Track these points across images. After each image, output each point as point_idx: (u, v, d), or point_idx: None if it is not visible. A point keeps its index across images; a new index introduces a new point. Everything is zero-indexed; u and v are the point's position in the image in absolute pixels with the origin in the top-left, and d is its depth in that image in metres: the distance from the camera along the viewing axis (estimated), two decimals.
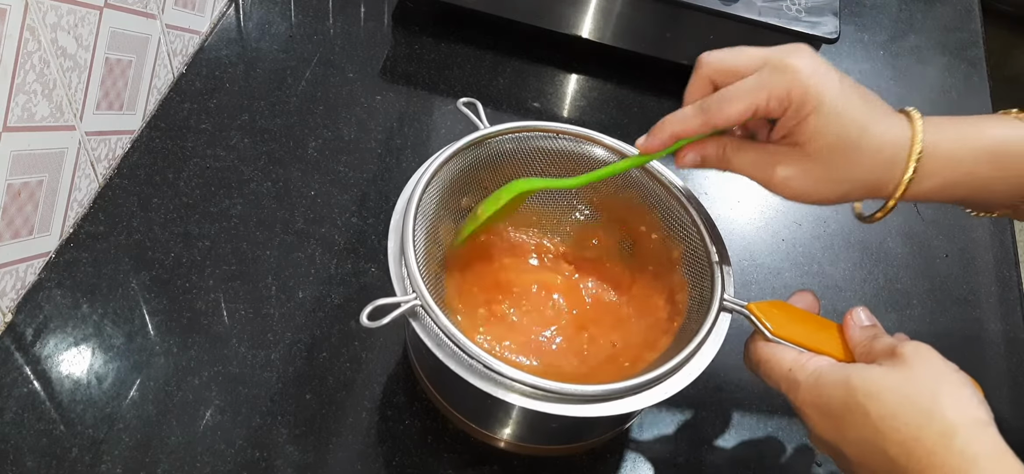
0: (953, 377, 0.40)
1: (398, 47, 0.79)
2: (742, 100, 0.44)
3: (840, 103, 0.43)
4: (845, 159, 0.44)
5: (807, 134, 0.44)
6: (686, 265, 0.53)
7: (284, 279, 0.60)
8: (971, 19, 0.94)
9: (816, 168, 0.45)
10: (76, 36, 0.56)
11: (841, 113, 0.43)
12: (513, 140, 0.55)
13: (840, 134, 0.44)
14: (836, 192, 0.46)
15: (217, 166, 0.66)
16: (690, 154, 0.48)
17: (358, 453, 0.53)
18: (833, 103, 0.43)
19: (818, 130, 0.44)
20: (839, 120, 0.44)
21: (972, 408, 0.39)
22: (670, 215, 0.54)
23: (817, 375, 0.43)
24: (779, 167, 0.46)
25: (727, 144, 0.47)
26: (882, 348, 0.43)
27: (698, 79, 0.47)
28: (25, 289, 0.57)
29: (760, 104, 0.44)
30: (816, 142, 0.44)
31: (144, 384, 0.54)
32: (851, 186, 0.46)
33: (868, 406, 0.40)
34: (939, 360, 0.41)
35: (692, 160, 0.48)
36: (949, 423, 0.38)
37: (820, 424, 0.43)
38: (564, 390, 0.43)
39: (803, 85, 0.43)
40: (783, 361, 0.45)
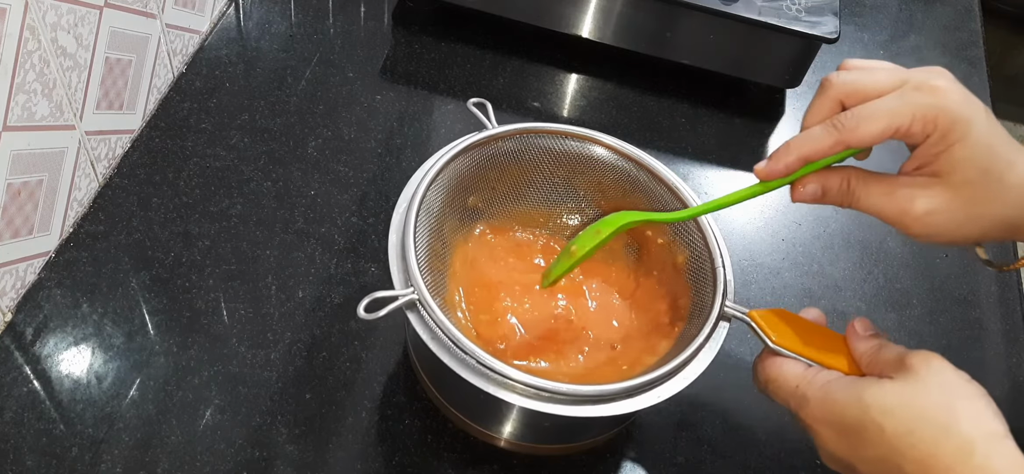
0: (967, 389, 0.39)
1: (398, 47, 0.79)
2: (882, 118, 0.40)
3: (987, 134, 0.40)
4: (990, 193, 0.41)
5: (951, 164, 0.40)
6: (689, 271, 0.52)
7: (284, 279, 0.60)
8: (971, 19, 0.94)
9: (961, 201, 0.41)
10: (76, 35, 0.56)
11: (989, 145, 0.40)
12: (520, 140, 0.55)
13: (989, 165, 0.40)
14: (977, 229, 0.42)
15: (217, 166, 0.66)
16: (812, 185, 0.44)
17: (358, 452, 0.53)
18: (981, 133, 0.40)
19: (965, 159, 0.40)
20: (987, 152, 0.40)
21: (987, 421, 0.38)
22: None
23: (827, 391, 0.42)
24: (919, 200, 0.41)
25: (853, 176, 0.43)
26: (889, 359, 0.42)
27: (824, 99, 0.43)
28: (25, 288, 0.57)
29: (903, 124, 0.40)
30: (961, 173, 0.40)
31: (144, 383, 0.54)
32: (990, 224, 0.42)
33: (883, 423, 0.39)
34: (950, 371, 0.40)
35: (812, 193, 0.44)
36: (966, 438, 0.37)
37: (832, 441, 0.42)
38: (560, 389, 0.43)
39: (952, 110, 0.40)
40: (790, 378, 0.44)
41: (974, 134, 0.40)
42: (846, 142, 0.41)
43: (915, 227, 0.42)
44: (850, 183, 0.43)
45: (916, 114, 0.40)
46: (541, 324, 0.54)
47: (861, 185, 0.43)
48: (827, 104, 0.43)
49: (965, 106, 0.40)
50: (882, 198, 0.42)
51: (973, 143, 0.40)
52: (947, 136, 0.40)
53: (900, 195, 0.42)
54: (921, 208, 0.41)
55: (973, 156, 0.40)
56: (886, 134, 0.41)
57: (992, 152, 0.40)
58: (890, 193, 0.42)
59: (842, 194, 0.44)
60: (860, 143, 0.41)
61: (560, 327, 0.54)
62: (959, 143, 0.40)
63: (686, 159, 0.75)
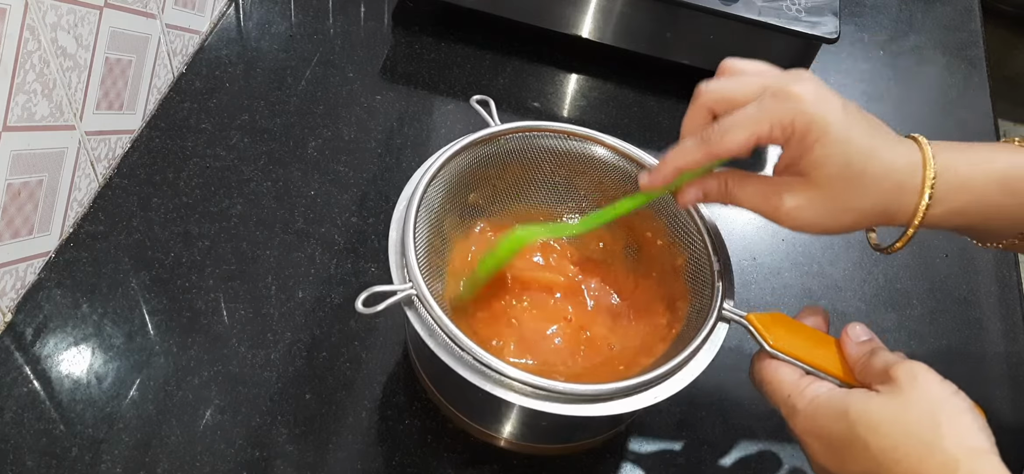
0: (952, 403, 0.40)
1: (398, 47, 0.79)
2: (744, 129, 0.43)
3: (845, 131, 0.42)
4: (853, 187, 0.43)
5: (812, 163, 0.43)
6: (689, 273, 0.52)
7: (284, 279, 0.60)
8: (971, 19, 0.94)
9: (824, 197, 0.44)
10: (76, 36, 0.56)
11: (846, 141, 0.42)
12: (522, 139, 0.55)
13: (847, 162, 0.42)
14: (845, 221, 0.45)
15: (217, 166, 0.66)
16: (692, 190, 0.47)
17: (358, 453, 0.53)
18: (838, 131, 0.42)
19: (824, 159, 0.42)
20: (845, 148, 0.42)
21: (972, 437, 0.38)
22: (676, 222, 0.54)
23: (815, 405, 0.43)
24: (786, 197, 0.44)
25: (729, 178, 0.46)
26: (878, 369, 0.42)
27: (696, 109, 0.46)
28: (25, 289, 0.57)
29: (763, 133, 0.43)
30: (822, 171, 0.43)
31: (144, 384, 0.54)
32: (859, 214, 0.44)
33: (868, 439, 0.40)
34: (936, 384, 0.40)
35: (694, 196, 0.48)
36: (950, 455, 0.38)
37: (820, 454, 0.42)
38: (559, 388, 0.43)
39: (807, 113, 0.42)
40: (783, 386, 0.45)
41: (831, 133, 0.42)
42: (714, 154, 0.44)
43: (786, 222, 0.45)
44: (727, 185, 0.47)
45: (773, 121, 0.42)
46: (539, 323, 0.54)
47: (737, 186, 0.46)
48: (699, 114, 0.46)
49: (820, 107, 0.42)
50: (756, 197, 0.46)
51: (831, 142, 0.42)
52: (805, 138, 0.42)
53: (770, 194, 0.45)
54: (789, 205, 0.44)
55: (831, 154, 0.42)
56: (749, 143, 0.43)
57: (850, 149, 0.42)
58: (762, 192, 0.45)
59: (721, 195, 0.47)
60: (727, 154, 0.44)
61: (559, 327, 0.54)
62: (817, 143, 0.42)
63: None
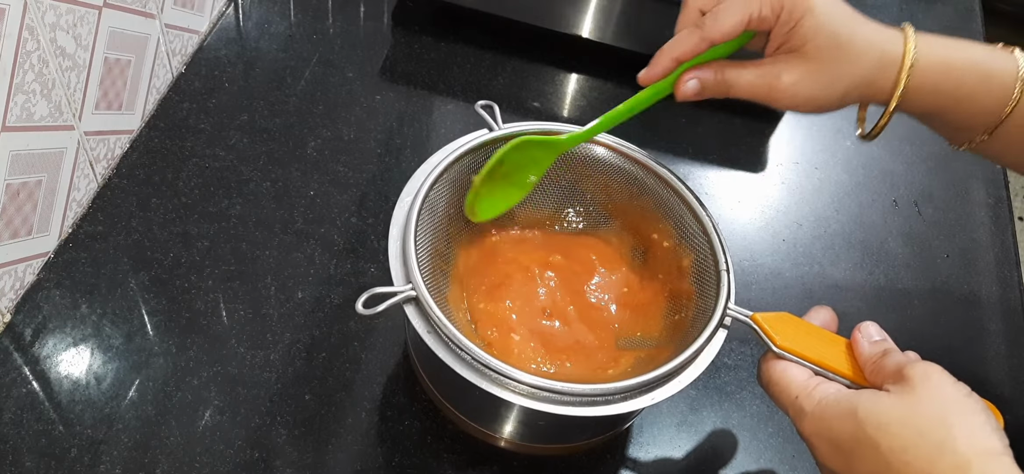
0: (964, 404, 0.39)
1: (398, 47, 0.79)
2: (737, 11, 0.46)
3: (828, 4, 0.46)
4: (841, 56, 0.46)
5: (803, 36, 0.46)
6: (694, 274, 0.52)
7: (283, 279, 0.60)
8: (972, 19, 0.94)
9: (816, 69, 0.47)
10: (75, 36, 0.56)
11: (831, 13, 0.46)
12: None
13: (834, 31, 0.46)
14: (837, 90, 0.47)
15: (216, 166, 0.66)
16: (690, 80, 0.49)
17: (357, 453, 0.53)
18: (822, 4, 0.46)
19: (814, 30, 0.46)
20: (830, 20, 0.46)
21: (984, 438, 0.38)
22: (682, 224, 0.53)
23: (823, 406, 0.42)
24: (783, 75, 0.47)
25: (725, 66, 0.48)
26: (891, 369, 0.42)
27: (687, 11, 0.49)
28: (24, 289, 0.57)
29: (754, 13, 0.46)
30: (813, 42, 0.46)
31: (143, 384, 0.54)
32: (849, 84, 0.47)
33: (878, 439, 0.39)
34: (949, 385, 0.40)
35: (693, 87, 0.49)
36: (962, 456, 0.37)
37: (829, 456, 0.42)
38: (560, 388, 0.43)
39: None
40: (791, 387, 0.44)
41: (817, 7, 0.46)
42: (710, 38, 0.47)
43: (784, 98, 0.48)
44: (723, 73, 0.48)
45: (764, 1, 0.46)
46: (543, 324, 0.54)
47: (733, 72, 0.48)
48: (689, 13, 0.49)
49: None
50: (753, 79, 0.48)
51: (818, 14, 0.46)
52: (793, 12, 0.46)
53: (767, 73, 0.48)
54: (786, 81, 0.47)
55: (820, 26, 0.46)
56: (742, 24, 0.46)
57: (836, 21, 0.46)
58: (759, 74, 0.48)
59: (718, 84, 0.48)
60: (723, 36, 0.47)
61: (562, 327, 0.54)
62: (806, 16, 0.46)
63: (686, 159, 0.75)
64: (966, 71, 0.48)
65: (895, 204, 0.75)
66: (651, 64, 0.49)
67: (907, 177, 0.77)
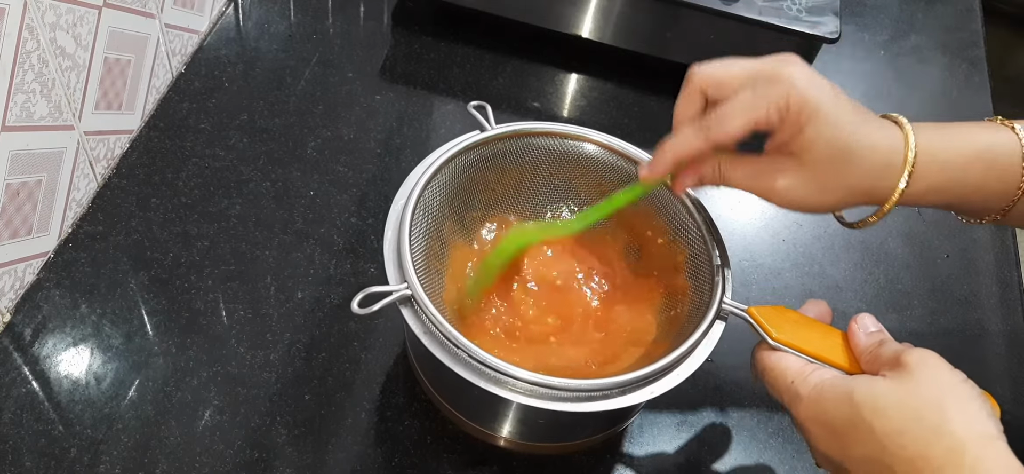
0: (960, 389, 0.39)
1: (397, 47, 0.79)
2: (742, 115, 0.44)
3: (834, 112, 0.44)
4: (840, 167, 0.45)
5: (803, 143, 0.44)
6: (689, 269, 0.52)
7: (283, 279, 0.60)
8: (972, 19, 0.94)
9: (814, 176, 0.45)
10: (75, 35, 0.56)
11: (835, 122, 0.44)
12: (519, 141, 0.55)
13: (836, 142, 0.44)
14: (833, 199, 0.46)
15: (216, 166, 0.66)
16: (688, 177, 0.49)
17: (357, 454, 0.53)
18: (828, 112, 0.44)
19: (815, 139, 0.44)
20: (833, 129, 0.44)
21: (980, 422, 0.38)
22: (675, 219, 0.54)
23: (819, 389, 0.42)
24: (778, 178, 0.46)
25: (722, 161, 0.48)
26: (888, 357, 0.42)
27: (689, 92, 0.47)
28: (24, 289, 0.57)
29: (760, 118, 0.44)
30: (813, 151, 0.44)
31: (143, 384, 0.54)
32: (847, 192, 0.46)
33: (873, 423, 0.39)
34: (946, 370, 0.40)
35: (691, 181, 0.49)
36: (957, 439, 0.37)
37: (823, 440, 0.42)
38: (557, 384, 0.43)
39: (800, 94, 0.43)
40: (786, 373, 0.44)
41: (822, 114, 0.44)
42: (714, 141, 0.46)
43: (778, 201, 0.47)
44: (721, 168, 0.48)
45: (770, 105, 0.44)
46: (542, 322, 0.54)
47: (730, 168, 0.48)
48: (692, 97, 0.47)
49: (812, 90, 0.44)
50: (749, 178, 0.47)
51: (821, 123, 0.44)
52: (798, 118, 0.44)
53: (764, 173, 0.47)
54: (781, 185, 0.46)
55: (821, 135, 0.44)
56: (748, 128, 0.45)
57: (838, 130, 0.44)
58: (755, 174, 0.47)
59: (715, 178, 0.48)
60: (727, 140, 0.45)
61: (558, 325, 0.54)
62: (809, 124, 0.44)
63: None
64: (969, 165, 0.46)
65: None
66: (653, 162, 0.49)
67: None
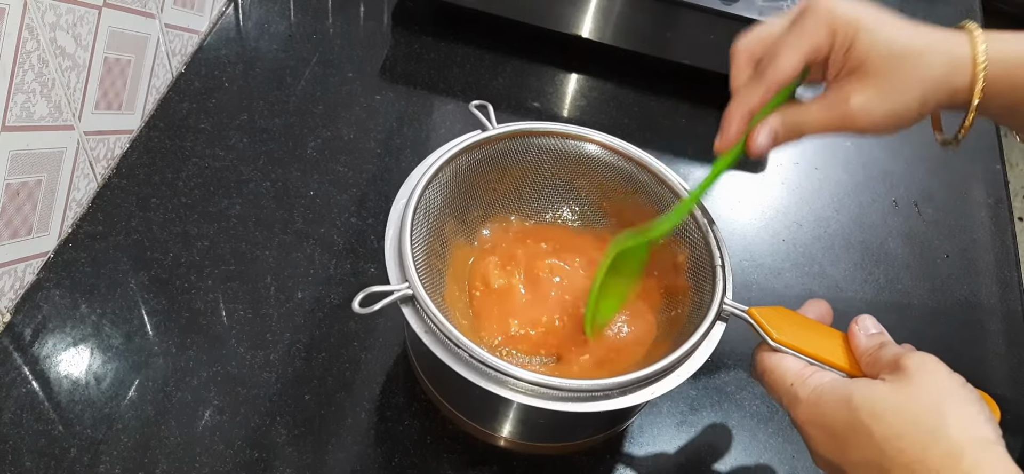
0: (959, 393, 0.39)
1: (398, 47, 0.79)
2: (794, 50, 0.44)
3: (878, 18, 0.44)
4: (907, 62, 0.44)
5: (861, 54, 0.44)
6: (690, 269, 0.52)
7: (283, 279, 0.60)
8: (973, 18, 0.94)
9: (885, 82, 0.44)
10: (75, 35, 0.56)
11: (882, 25, 0.44)
12: (521, 141, 0.55)
13: (894, 41, 0.44)
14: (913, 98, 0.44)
15: (216, 166, 0.66)
16: (762, 135, 0.47)
17: (357, 454, 0.53)
18: (871, 19, 0.44)
19: (870, 45, 0.44)
20: (885, 31, 0.44)
21: (978, 427, 0.38)
22: None
23: (818, 392, 0.42)
24: (852, 97, 0.45)
25: (792, 109, 0.47)
26: (887, 360, 0.42)
27: (738, 61, 0.47)
28: (24, 289, 0.57)
29: (811, 46, 0.44)
30: (874, 55, 0.44)
31: (143, 384, 0.54)
32: (924, 89, 0.44)
33: (872, 426, 0.39)
34: (945, 375, 0.40)
35: (764, 139, 0.47)
36: (955, 443, 0.37)
37: (822, 443, 0.42)
38: (558, 384, 0.43)
39: (842, 13, 0.44)
40: (786, 375, 0.44)
41: (866, 21, 0.44)
42: (775, 83, 0.45)
43: (861, 122, 0.45)
44: (792, 116, 0.46)
45: (816, 30, 0.44)
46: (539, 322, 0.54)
47: (801, 113, 0.46)
48: (743, 63, 0.47)
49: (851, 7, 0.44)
50: (822, 113, 0.46)
51: (870, 29, 0.44)
52: (846, 33, 0.44)
53: (835, 101, 0.45)
54: (857, 103, 0.44)
55: (875, 40, 0.44)
56: (803, 59, 0.44)
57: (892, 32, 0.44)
58: (828, 105, 0.46)
59: (789, 128, 0.46)
60: (787, 78, 0.45)
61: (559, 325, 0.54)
62: (859, 34, 0.44)
63: (686, 159, 0.75)
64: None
65: (895, 204, 0.75)
66: (723, 129, 0.47)
67: (907, 177, 0.77)
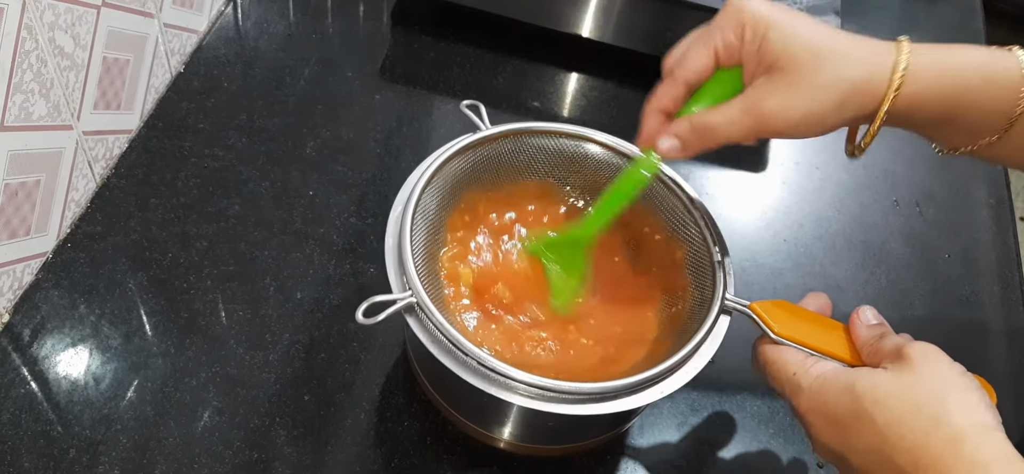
0: (960, 381, 0.40)
1: (397, 46, 0.79)
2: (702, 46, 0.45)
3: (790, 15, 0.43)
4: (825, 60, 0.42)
5: (775, 50, 0.43)
6: (689, 266, 0.52)
7: (282, 280, 0.60)
8: (973, 18, 0.94)
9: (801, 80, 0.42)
10: (74, 35, 0.56)
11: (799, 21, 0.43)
12: (515, 141, 0.55)
13: (811, 38, 0.42)
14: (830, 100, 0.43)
15: (215, 166, 0.66)
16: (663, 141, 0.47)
17: (357, 454, 0.53)
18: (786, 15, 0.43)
19: (784, 41, 0.42)
20: (801, 27, 0.43)
21: (979, 413, 0.38)
22: (674, 216, 0.53)
23: (821, 381, 0.43)
24: (767, 99, 0.43)
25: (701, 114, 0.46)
26: (889, 349, 0.42)
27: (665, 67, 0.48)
28: (22, 289, 0.57)
29: (719, 42, 0.44)
30: (789, 51, 0.42)
31: (141, 385, 0.54)
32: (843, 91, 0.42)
33: (874, 413, 0.39)
34: (946, 363, 0.40)
35: (667, 144, 0.47)
36: (957, 429, 0.37)
37: (824, 431, 0.42)
38: (559, 387, 0.43)
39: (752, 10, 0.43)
40: (788, 364, 0.45)
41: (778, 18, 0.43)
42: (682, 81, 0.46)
43: (777, 124, 0.43)
44: (699, 120, 0.46)
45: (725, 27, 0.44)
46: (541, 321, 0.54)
47: (712, 116, 0.45)
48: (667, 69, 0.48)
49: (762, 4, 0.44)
50: (736, 115, 0.44)
51: (782, 26, 0.43)
52: (756, 28, 0.43)
53: (749, 103, 0.44)
54: (772, 104, 0.43)
55: (789, 35, 0.42)
56: (711, 57, 0.44)
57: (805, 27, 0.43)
58: (742, 107, 0.44)
59: (697, 132, 0.46)
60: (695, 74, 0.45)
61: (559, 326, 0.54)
62: (771, 30, 0.43)
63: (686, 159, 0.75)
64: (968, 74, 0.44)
65: (896, 204, 0.75)
66: (641, 127, 0.48)
67: (908, 177, 0.77)
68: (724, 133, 0.45)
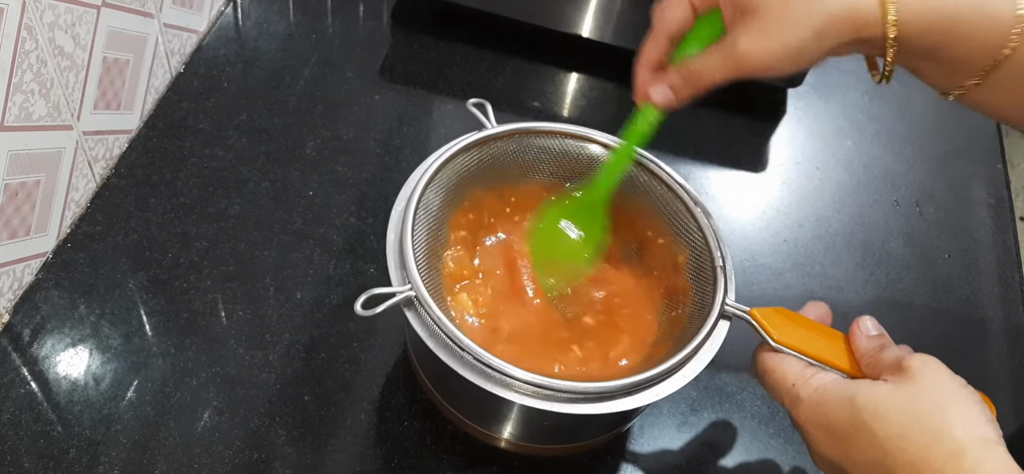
0: (961, 394, 0.39)
1: (397, 46, 0.79)
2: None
3: None
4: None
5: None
6: (690, 270, 0.52)
7: (282, 280, 0.60)
8: None
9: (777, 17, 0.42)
10: (73, 35, 0.56)
11: None
12: (519, 140, 0.55)
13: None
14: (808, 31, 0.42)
15: (215, 166, 0.66)
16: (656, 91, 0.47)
17: (357, 455, 0.53)
18: None
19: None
20: None
21: (980, 426, 0.38)
22: (676, 220, 0.53)
23: (821, 392, 0.42)
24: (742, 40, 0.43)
25: (687, 62, 0.46)
26: (889, 361, 0.42)
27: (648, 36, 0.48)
28: (22, 290, 0.57)
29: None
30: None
31: (142, 385, 0.54)
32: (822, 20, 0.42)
33: (875, 426, 0.39)
34: (947, 375, 0.40)
35: (660, 95, 0.47)
36: (958, 443, 0.37)
37: (824, 443, 0.42)
38: (558, 386, 0.43)
39: None
40: (787, 375, 0.44)
41: None
42: (665, 32, 0.46)
43: (753, 62, 0.43)
44: (687, 69, 0.46)
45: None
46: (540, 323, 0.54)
47: (697, 62, 0.45)
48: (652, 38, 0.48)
49: None
50: (717, 59, 0.44)
51: None
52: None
53: (727, 47, 0.44)
54: (744, 44, 0.43)
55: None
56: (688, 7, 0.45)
57: None
58: (721, 52, 0.44)
59: (686, 81, 0.46)
60: (674, 25, 0.46)
61: (559, 326, 0.54)
62: None
63: (686, 159, 0.75)
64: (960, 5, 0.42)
65: (896, 204, 0.75)
66: (635, 82, 0.48)
67: (908, 177, 0.77)
68: (710, 76, 0.45)
